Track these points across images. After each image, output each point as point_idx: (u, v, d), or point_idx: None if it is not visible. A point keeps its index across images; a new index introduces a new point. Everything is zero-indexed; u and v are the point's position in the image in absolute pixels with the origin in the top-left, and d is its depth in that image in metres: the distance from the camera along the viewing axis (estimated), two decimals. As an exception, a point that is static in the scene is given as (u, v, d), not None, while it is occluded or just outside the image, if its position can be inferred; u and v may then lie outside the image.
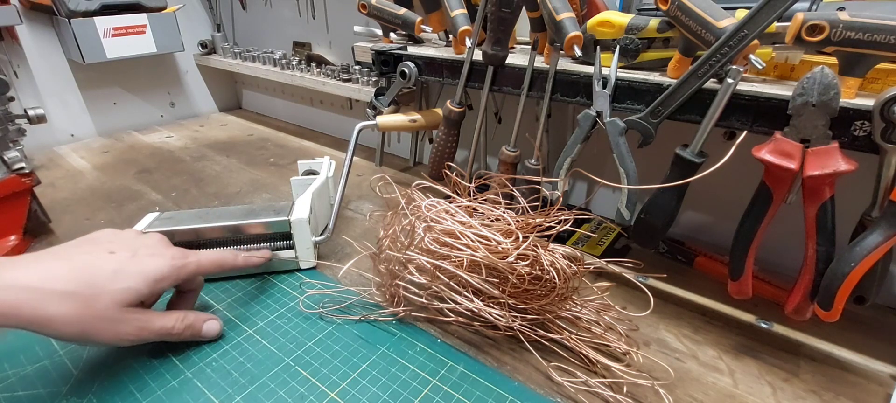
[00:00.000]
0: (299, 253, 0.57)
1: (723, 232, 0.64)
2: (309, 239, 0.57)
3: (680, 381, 0.44)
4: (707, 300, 0.56)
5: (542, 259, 0.45)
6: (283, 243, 0.58)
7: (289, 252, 0.58)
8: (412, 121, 0.72)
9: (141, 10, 1.04)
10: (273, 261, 0.56)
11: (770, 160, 0.42)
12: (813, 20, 0.39)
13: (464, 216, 0.47)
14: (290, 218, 0.55)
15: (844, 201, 0.43)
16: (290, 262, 0.58)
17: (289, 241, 0.57)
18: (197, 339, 0.47)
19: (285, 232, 0.56)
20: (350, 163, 0.65)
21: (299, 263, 0.58)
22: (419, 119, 0.73)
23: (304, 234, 0.56)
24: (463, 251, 0.44)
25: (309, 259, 0.58)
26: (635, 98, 0.53)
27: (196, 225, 0.55)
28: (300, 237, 0.56)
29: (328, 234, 0.62)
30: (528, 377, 0.44)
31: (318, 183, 0.63)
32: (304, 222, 0.55)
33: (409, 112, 0.78)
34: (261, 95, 1.32)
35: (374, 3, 0.74)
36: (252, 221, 0.55)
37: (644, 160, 0.53)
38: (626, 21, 0.53)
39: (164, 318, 0.45)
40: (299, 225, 0.56)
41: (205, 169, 0.94)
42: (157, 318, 0.44)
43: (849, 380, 0.45)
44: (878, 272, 0.42)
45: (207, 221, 0.56)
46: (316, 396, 0.42)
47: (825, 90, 0.40)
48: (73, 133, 1.11)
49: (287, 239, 0.57)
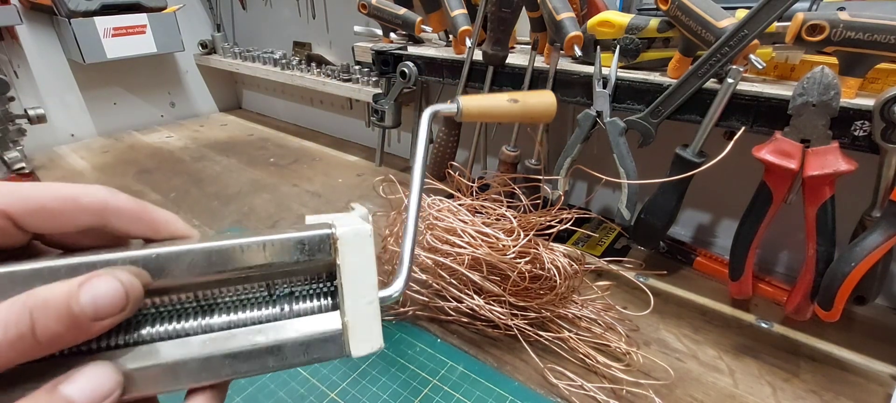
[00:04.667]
0: (350, 317, 0.22)
1: (723, 232, 0.64)
2: (372, 286, 0.22)
3: (680, 381, 0.44)
4: (707, 300, 0.56)
5: (543, 257, 0.45)
6: (308, 302, 0.23)
7: (324, 319, 0.22)
8: (513, 102, 0.44)
9: (141, 10, 1.04)
10: (282, 350, 0.21)
11: (770, 160, 0.42)
12: (813, 20, 0.39)
13: (466, 214, 0.47)
14: (336, 231, 0.22)
15: (844, 201, 0.43)
16: (324, 343, 0.22)
17: (322, 299, 0.23)
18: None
19: (321, 264, 0.22)
20: (424, 159, 0.36)
21: (349, 343, 0.22)
22: (521, 101, 0.45)
23: (362, 273, 0.22)
24: (465, 248, 0.44)
25: (370, 332, 0.22)
26: (635, 98, 0.53)
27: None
28: (355, 278, 0.22)
29: (400, 287, 0.25)
30: (529, 377, 0.44)
31: (358, 213, 0.25)
32: (366, 237, 0.22)
33: (505, 92, 0.50)
34: (261, 95, 1.32)
35: (374, 3, 0.74)
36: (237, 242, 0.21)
37: (644, 160, 0.53)
38: (626, 21, 0.53)
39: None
40: (355, 245, 0.22)
41: (205, 169, 0.94)
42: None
43: (849, 380, 0.45)
44: (879, 272, 0.42)
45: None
46: (316, 396, 0.42)
47: (825, 90, 0.40)
48: (73, 133, 1.11)
49: (315, 295, 0.23)
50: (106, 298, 0.17)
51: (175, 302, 0.21)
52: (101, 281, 0.17)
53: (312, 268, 0.22)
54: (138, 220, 0.21)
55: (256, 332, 0.21)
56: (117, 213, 0.20)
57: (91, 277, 0.17)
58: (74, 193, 0.19)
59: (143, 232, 0.21)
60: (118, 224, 0.20)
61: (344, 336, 0.22)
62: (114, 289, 0.17)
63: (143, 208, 0.21)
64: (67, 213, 0.19)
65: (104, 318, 0.17)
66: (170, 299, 0.21)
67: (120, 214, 0.20)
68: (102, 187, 0.20)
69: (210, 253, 0.20)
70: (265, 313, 0.22)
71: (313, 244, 0.21)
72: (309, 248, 0.21)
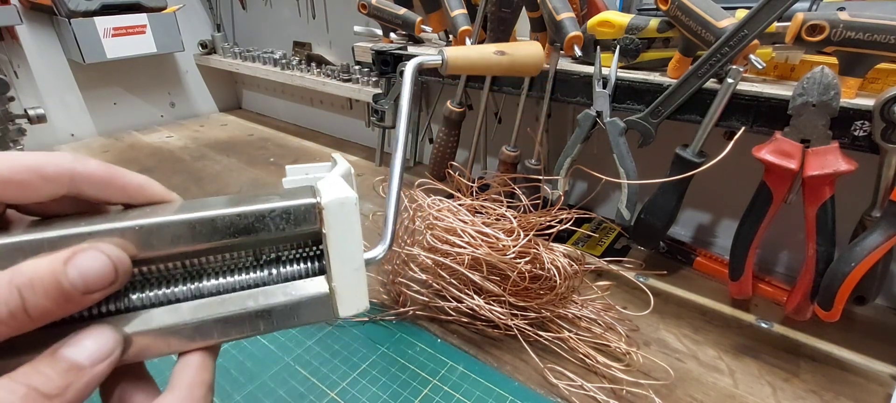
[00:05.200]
0: (338, 283, 0.22)
1: (723, 231, 0.64)
2: (358, 252, 0.23)
3: (680, 381, 0.44)
4: (707, 300, 0.56)
5: (543, 257, 0.45)
6: (295, 266, 0.23)
7: (311, 284, 0.23)
8: (500, 54, 0.43)
9: (141, 10, 1.04)
10: (271, 314, 0.22)
11: (770, 160, 0.42)
12: (813, 20, 0.39)
13: (466, 214, 0.47)
14: (321, 199, 0.22)
15: (844, 201, 0.43)
16: (312, 306, 0.23)
17: (309, 263, 0.23)
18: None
19: (307, 232, 0.22)
20: (408, 115, 0.34)
21: (337, 306, 0.23)
22: (508, 53, 0.44)
23: (348, 241, 0.22)
24: (465, 248, 0.44)
25: (356, 295, 0.23)
26: (635, 98, 0.53)
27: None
28: (341, 246, 0.22)
29: (384, 249, 0.26)
30: (529, 377, 0.44)
31: (341, 170, 0.26)
32: (352, 206, 0.22)
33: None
34: (261, 95, 1.32)
35: (374, 3, 0.74)
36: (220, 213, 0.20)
37: (644, 160, 0.53)
38: (626, 21, 0.53)
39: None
40: (341, 215, 0.22)
41: (205, 168, 0.94)
42: None
43: (849, 380, 0.45)
44: (879, 272, 0.42)
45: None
46: (316, 396, 0.42)
47: (825, 90, 0.40)
48: (73, 133, 1.11)
49: (302, 259, 0.23)
50: (94, 272, 0.17)
51: (162, 270, 0.21)
52: (88, 256, 0.17)
53: (298, 235, 0.22)
54: (110, 186, 0.20)
55: (246, 297, 0.21)
56: (87, 180, 0.19)
57: (76, 252, 0.17)
58: (37, 163, 0.18)
59: (117, 198, 0.21)
60: (91, 191, 0.20)
61: (332, 299, 0.23)
62: (101, 263, 0.17)
63: (112, 173, 0.20)
64: (33, 184, 0.18)
65: (95, 292, 0.17)
66: (158, 268, 0.21)
67: (90, 181, 0.19)
68: (69, 154, 0.19)
69: (194, 223, 0.20)
70: (253, 277, 0.22)
71: (299, 214, 0.21)
72: (295, 218, 0.21)
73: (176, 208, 0.21)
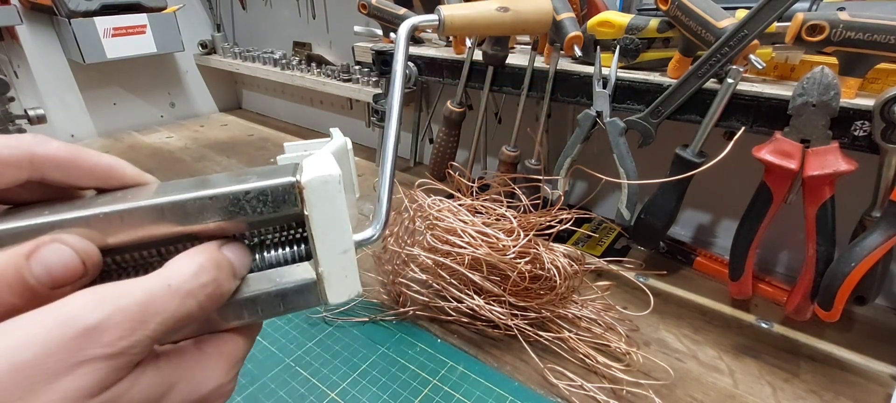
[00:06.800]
0: (325, 268, 0.20)
1: (723, 231, 0.64)
2: (346, 234, 0.21)
3: (680, 381, 0.44)
4: (707, 300, 0.56)
5: (543, 257, 0.45)
6: (280, 251, 0.22)
7: (298, 269, 0.21)
8: (503, 10, 0.37)
9: (141, 10, 1.04)
10: (257, 303, 0.20)
11: (770, 160, 0.42)
12: (813, 20, 0.39)
13: (466, 214, 0.47)
14: (301, 178, 0.19)
15: (844, 201, 0.43)
16: (298, 293, 0.21)
17: (295, 247, 0.22)
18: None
19: (290, 215, 0.20)
20: (402, 79, 0.32)
21: (325, 292, 0.21)
22: (512, 8, 0.38)
23: (334, 222, 0.20)
24: (465, 248, 0.44)
25: (346, 280, 0.21)
26: (635, 98, 0.53)
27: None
28: (326, 228, 0.20)
29: (378, 230, 0.24)
30: (529, 377, 0.44)
31: (335, 146, 0.26)
32: (335, 185, 0.20)
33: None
34: (261, 95, 1.32)
35: (374, 3, 0.74)
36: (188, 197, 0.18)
37: (644, 160, 0.53)
38: (626, 21, 0.53)
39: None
40: (324, 194, 0.20)
41: (205, 169, 0.94)
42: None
43: (849, 380, 0.45)
44: (879, 272, 0.42)
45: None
46: (316, 396, 0.42)
47: (825, 90, 0.40)
48: (73, 133, 1.11)
49: (288, 243, 0.22)
50: (60, 266, 0.16)
51: (137, 259, 0.19)
52: (50, 250, 0.16)
53: (281, 217, 0.20)
54: (75, 168, 0.19)
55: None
56: (50, 163, 0.18)
57: (39, 245, 0.16)
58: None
59: (86, 182, 0.19)
60: (55, 175, 0.18)
61: (320, 285, 0.21)
62: (67, 257, 0.16)
63: (76, 154, 0.19)
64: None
65: (64, 286, 0.16)
66: (132, 256, 0.19)
67: (53, 164, 0.18)
68: (30, 136, 0.18)
69: (162, 208, 0.18)
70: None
71: (277, 195, 0.19)
72: (272, 200, 0.19)
73: (150, 192, 0.19)
